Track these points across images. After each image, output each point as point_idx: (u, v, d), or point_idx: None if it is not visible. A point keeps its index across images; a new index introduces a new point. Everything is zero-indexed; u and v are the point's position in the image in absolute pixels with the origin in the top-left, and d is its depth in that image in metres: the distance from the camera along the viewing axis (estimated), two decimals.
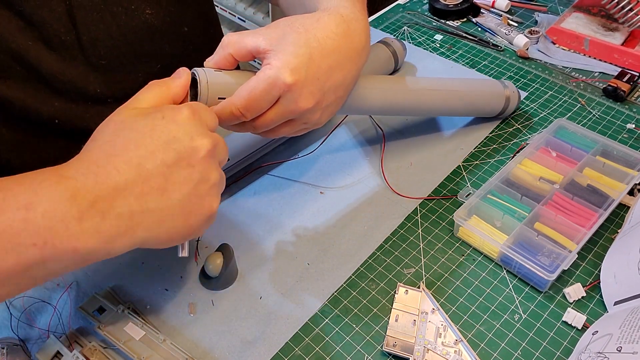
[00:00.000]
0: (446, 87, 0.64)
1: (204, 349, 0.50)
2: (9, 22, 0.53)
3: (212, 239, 0.59)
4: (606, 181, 0.60)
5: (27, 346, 0.49)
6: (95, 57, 0.59)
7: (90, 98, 0.60)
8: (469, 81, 0.67)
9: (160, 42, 0.63)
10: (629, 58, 0.78)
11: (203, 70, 0.47)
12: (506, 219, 0.57)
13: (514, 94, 0.69)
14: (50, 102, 0.58)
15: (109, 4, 0.58)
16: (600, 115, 0.72)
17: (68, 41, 0.57)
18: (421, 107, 0.63)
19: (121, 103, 0.63)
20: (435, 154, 0.68)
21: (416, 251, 0.57)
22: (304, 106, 0.47)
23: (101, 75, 0.60)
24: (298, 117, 0.48)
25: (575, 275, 0.55)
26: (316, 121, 0.50)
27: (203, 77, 0.46)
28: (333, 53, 0.47)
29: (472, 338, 0.50)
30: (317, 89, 0.47)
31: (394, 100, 0.60)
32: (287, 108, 0.47)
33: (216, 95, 0.47)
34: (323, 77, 0.47)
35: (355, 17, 0.50)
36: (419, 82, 0.63)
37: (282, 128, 0.49)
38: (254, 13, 1.97)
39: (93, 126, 0.61)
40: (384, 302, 0.53)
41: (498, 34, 0.87)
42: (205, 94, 0.46)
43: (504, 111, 0.69)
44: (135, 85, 0.63)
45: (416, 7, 0.94)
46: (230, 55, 0.48)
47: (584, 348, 0.47)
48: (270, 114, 0.47)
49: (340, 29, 0.48)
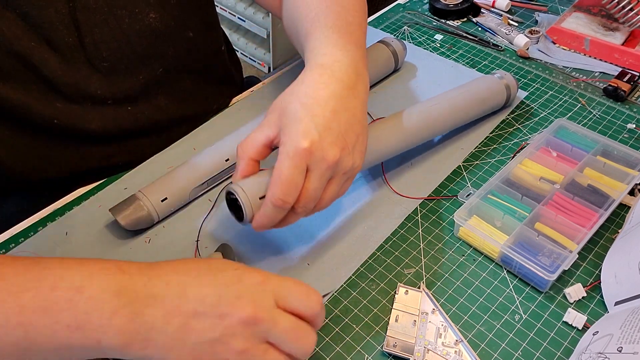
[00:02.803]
0: (450, 103, 0.65)
1: None
2: (14, 24, 0.53)
3: (212, 239, 0.58)
4: (607, 181, 0.60)
5: None
6: (98, 59, 0.59)
7: (91, 99, 0.60)
8: (468, 87, 0.67)
9: (163, 45, 0.63)
10: (629, 58, 0.78)
11: (237, 186, 0.49)
12: (506, 219, 0.57)
13: (511, 80, 0.70)
14: (52, 103, 0.58)
15: (113, 7, 0.58)
16: (600, 115, 0.72)
17: (71, 43, 0.57)
18: (435, 129, 0.64)
19: (121, 104, 0.63)
20: (436, 154, 0.67)
21: (416, 251, 0.57)
22: (333, 157, 0.46)
23: (103, 77, 0.60)
24: (336, 172, 0.48)
25: (575, 276, 0.55)
26: (352, 165, 0.49)
27: (241, 193, 0.48)
28: (330, 99, 0.48)
29: (472, 338, 0.50)
30: (334, 136, 0.47)
31: (408, 132, 0.61)
32: (320, 168, 0.46)
33: (257, 196, 0.49)
34: (334, 124, 0.47)
35: (335, 59, 0.50)
36: (424, 106, 0.64)
37: (328, 192, 0.49)
38: (254, 13, 1.97)
39: (92, 127, 0.61)
40: (384, 303, 0.53)
41: (498, 33, 0.86)
42: (249, 206, 0.48)
43: (510, 99, 0.70)
44: (136, 87, 0.63)
45: (416, 6, 0.94)
46: (252, 160, 0.49)
47: (585, 348, 0.47)
48: (309, 185, 0.47)
49: (326, 77, 0.49)
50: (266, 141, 0.49)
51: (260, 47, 2.10)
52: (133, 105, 0.64)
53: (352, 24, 0.55)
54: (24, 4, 0.53)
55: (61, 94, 0.58)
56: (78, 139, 0.62)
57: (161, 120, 0.67)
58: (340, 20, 0.55)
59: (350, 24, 0.55)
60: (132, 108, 0.64)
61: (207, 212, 0.61)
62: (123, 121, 0.64)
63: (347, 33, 0.54)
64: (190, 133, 0.71)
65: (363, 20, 0.59)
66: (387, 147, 0.60)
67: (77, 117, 0.60)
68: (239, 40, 2.15)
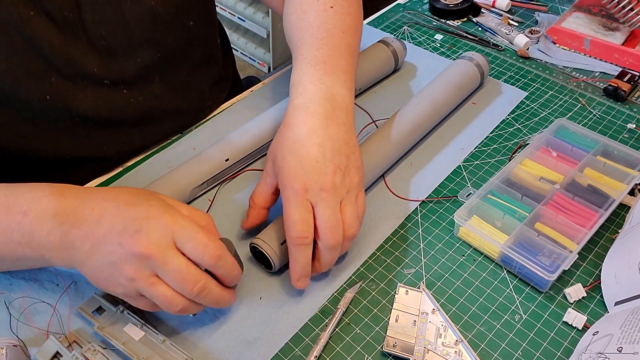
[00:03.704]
0: (432, 99, 0.67)
1: (203, 349, 0.50)
2: None
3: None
4: (607, 181, 0.60)
5: (27, 347, 0.49)
6: (97, 37, 0.59)
7: (87, 77, 0.60)
8: (445, 77, 0.70)
9: (163, 32, 0.63)
10: (629, 58, 0.78)
11: (257, 239, 0.53)
12: (506, 219, 0.57)
13: (481, 59, 0.73)
14: (47, 77, 0.57)
15: None
16: (600, 115, 0.72)
17: (70, 18, 0.56)
18: (425, 126, 0.67)
19: (117, 86, 0.63)
20: (436, 154, 0.67)
21: (416, 251, 0.57)
22: (329, 185, 0.50)
23: (100, 56, 0.60)
24: (339, 194, 0.51)
25: (575, 276, 0.55)
26: (352, 182, 0.52)
27: (263, 244, 0.53)
28: (310, 134, 0.52)
29: (472, 338, 0.50)
30: (326, 164, 0.50)
31: (399, 139, 0.64)
32: (323, 198, 0.50)
33: (278, 242, 0.53)
34: (319, 156, 0.51)
35: (309, 96, 0.54)
36: (409, 108, 0.66)
37: (346, 214, 0.51)
38: (253, 13, 1.97)
39: (85, 107, 0.61)
40: (384, 303, 0.53)
41: (498, 33, 0.86)
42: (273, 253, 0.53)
43: (484, 76, 0.74)
44: (133, 70, 0.63)
45: (416, 6, 0.94)
46: (262, 209, 0.55)
47: (585, 348, 0.47)
48: (321, 216, 0.49)
49: (303, 115, 0.53)
50: (270, 189, 0.55)
51: (260, 46, 2.10)
52: (128, 89, 0.64)
53: (336, 48, 0.58)
54: None
55: (56, 68, 0.57)
56: (68, 121, 0.61)
57: (154, 109, 0.67)
58: (322, 49, 0.58)
59: (334, 48, 0.58)
60: (127, 92, 0.64)
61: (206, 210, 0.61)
62: (116, 104, 0.63)
63: (325, 62, 0.57)
64: (190, 133, 0.71)
65: (351, 40, 0.61)
66: (384, 159, 0.63)
67: (70, 95, 0.59)
68: (238, 40, 2.15)
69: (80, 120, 0.62)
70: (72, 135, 0.63)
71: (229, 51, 0.85)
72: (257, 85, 0.79)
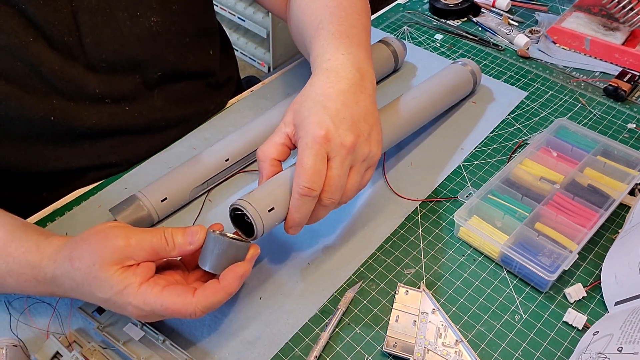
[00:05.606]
0: (428, 95, 0.66)
1: (203, 349, 0.50)
2: (11, 18, 0.53)
3: None
4: (607, 181, 0.60)
5: (27, 346, 0.49)
6: (97, 59, 0.59)
7: (89, 97, 0.60)
8: (440, 78, 0.69)
9: (163, 49, 0.63)
10: (629, 58, 0.78)
11: (243, 200, 0.48)
12: (507, 219, 0.57)
13: (475, 67, 0.72)
14: (49, 100, 0.58)
15: (115, 9, 0.58)
16: (600, 115, 0.72)
17: (70, 42, 0.57)
18: (418, 121, 0.66)
19: (118, 103, 0.63)
20: (436, 154, 0.67)
21: (416, 251, 0.57)
22: (350, 142, 0.48)
23: (101, 76, 0.60)
24: (355, 159, 0.50)
25: (575, 276, 0.55)
26: (370, 153, 0.51)
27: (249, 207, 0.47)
28: (339, 95, 0.50)
29: (472, 338, 0.50)
30: (348, 124, 0.49)
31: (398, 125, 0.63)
32: (340, 154, 0.48)
33: (266, 209, 0.48)
34: (346, 114, 0.49)
35: (339, 62, 0.53)
36: (407, 98, 0.65)
37: (351, 181, 0.50)
38: (253, 13, 1.97)
39: (88, 124, 0.61)
40: (384, 303, 0.53)
41: (498, 33, 0.86)
42: (259, 220, 0.47)
43: (477, 83, 0.73)
44: (133, 87, 0.63)
45: (416, 6, 0.94)
46: (274, 160, 0.52)
47: (585, 348, 0.47)
48: (332, 172, 0.48)
49: (332, 78, 0.52)
50: (285, 140, 0.51)
51: (260, 46, 2.10)
52: (130, 105, 0.64)
53: (355, 27, 0.58)
54: (22, 1, 0.52)
55: (58, 90, 0.58)
56: (72, 136, 0.62)
57: (157, 120, 0.67)
58: (343, 25, 0.57)
59: (353, 27, 0.58)
60: (129, 107, 0.64)
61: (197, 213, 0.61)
62: (119, 119, 0.64)
63: (349, 36, 0.56)
64: (190, 133, 0.71)
65: (366, 22, 0.61)
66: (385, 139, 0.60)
67: (73, 114, 0.60)
68: (238, 39, 2.15)
69: (84, 134, 0.62)
70: (76, 147, 0.63)
71: (231, 55, 0.85)
72: (257, 85, 0.79)
